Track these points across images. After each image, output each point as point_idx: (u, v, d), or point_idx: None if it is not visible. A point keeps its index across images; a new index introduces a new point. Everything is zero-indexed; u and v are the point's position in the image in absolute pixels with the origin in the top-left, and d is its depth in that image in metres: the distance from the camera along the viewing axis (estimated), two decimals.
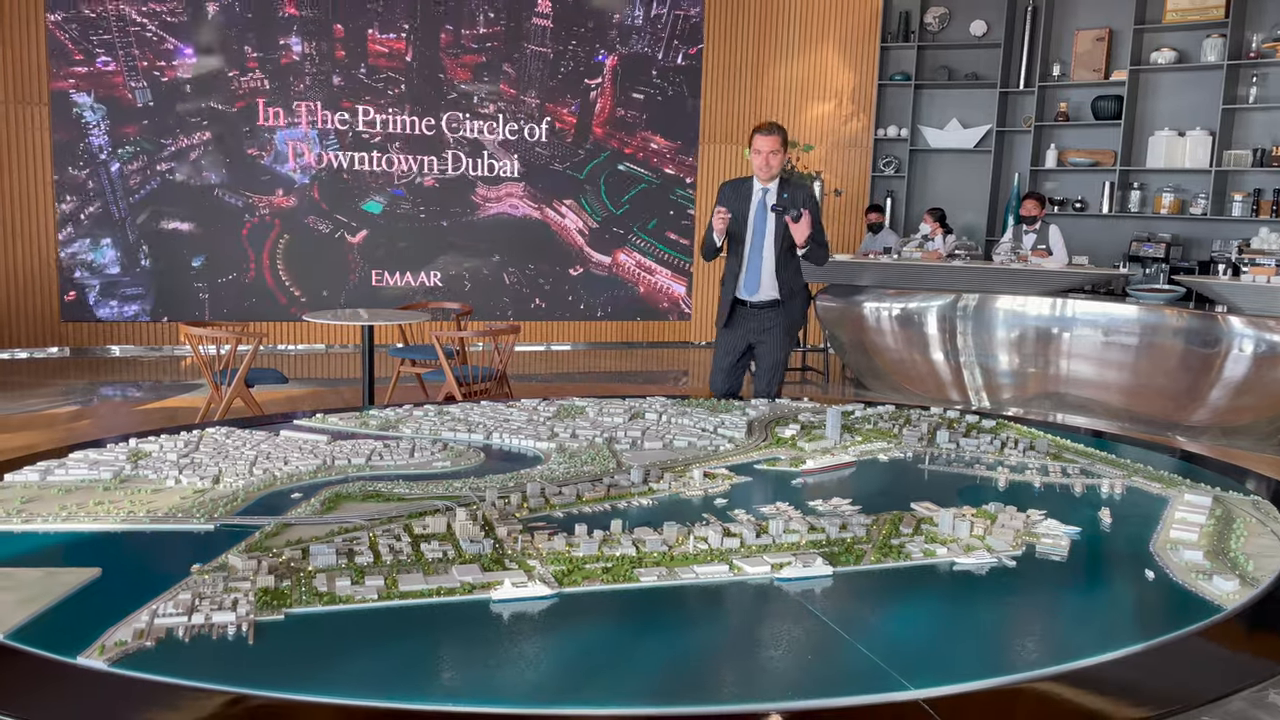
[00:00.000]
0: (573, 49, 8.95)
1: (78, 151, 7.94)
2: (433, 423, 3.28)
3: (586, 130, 9.12)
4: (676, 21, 9.26)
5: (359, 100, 8.50)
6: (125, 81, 7.95)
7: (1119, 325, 6.45)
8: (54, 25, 7.72)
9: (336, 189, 8.56)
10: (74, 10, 7.73)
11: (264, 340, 4.95)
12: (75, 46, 7.78)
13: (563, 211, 9.17)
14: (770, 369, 4.47)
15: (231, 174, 8.29)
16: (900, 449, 3.20)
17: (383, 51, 8.45)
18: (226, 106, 8.21)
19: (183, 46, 8.03)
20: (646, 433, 3.26)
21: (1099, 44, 8.61)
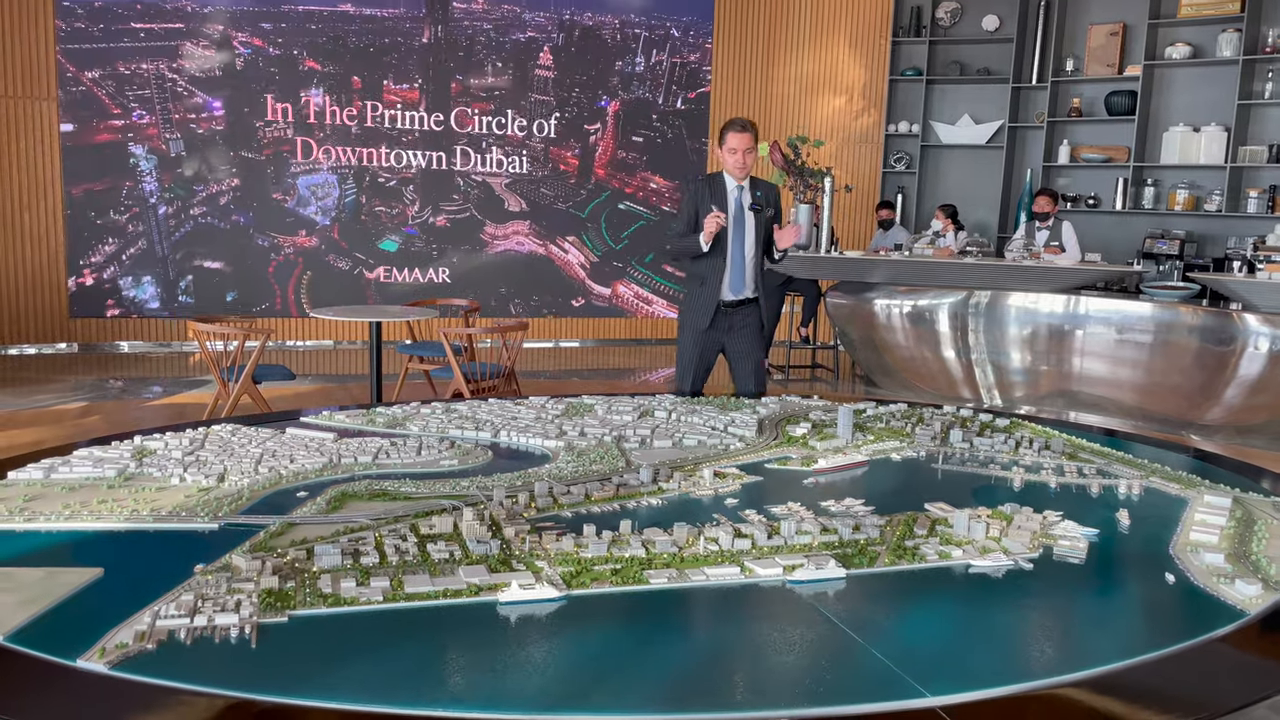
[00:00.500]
0: (576, 95, 9.39)
1: (125, 196, 8.34)
2: (440, 420, 3.25)
3: (589, 171, 9.56)
4: (675, 69, 9.59)
5: (375, 146, 8.93)
6: (160, 134, 8.41)
7: (1132, 323, 6.39)
8: (91, 81, 8.13)
9: (355, 229, 8.98)
10: (110, 67, 8.17)
11: (271, 336, 4.92)
12: (112, 101, 8.22)
13: (565, 247, 9.61)
14: (754, 369, 4.41)
15: (259, 216, 8.73)
16: (913, 448, 3.16)
17: (397, 101, 8.94)
18: (254, 155, 8.66)
19: (211, 100, 8.48)
20: (656, 431, 3.23)
21: (1113, 39, 8.53)
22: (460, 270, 9.24)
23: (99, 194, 8.21)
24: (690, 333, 4.38)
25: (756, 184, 4.31)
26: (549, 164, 9.38)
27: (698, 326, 4.33)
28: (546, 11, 9.14)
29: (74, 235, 8.11)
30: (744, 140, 4.16)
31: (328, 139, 8.76)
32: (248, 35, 8.42)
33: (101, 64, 8.07)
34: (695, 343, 4.36)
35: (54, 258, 8.05)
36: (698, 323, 4.33)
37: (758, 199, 4.27)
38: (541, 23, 9.14)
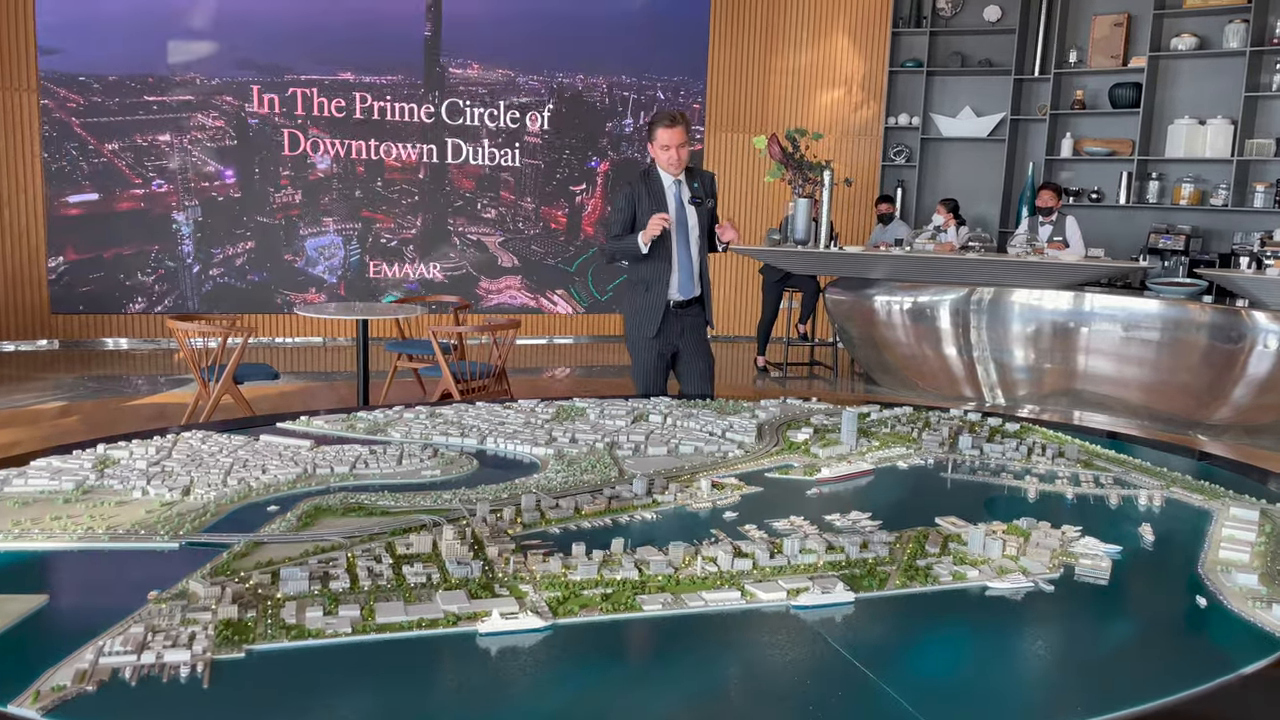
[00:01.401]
0: (566, 158, 9.68)
1: (152, 259, 8.62)
2: (424, 426, 3.10)
3: (576, 229, 9.86)
4: None
5: (377, 209, 9.25)
6: (179, 200, 8.71)
7: (1138, 320, 6.25)
8: (111, 153, 8.38)
9: (360, 286, 9.21)
10: (129, 139, 8.46)
11: (254, 333, 4.75)
12: (132, 172, 8.53)
13: (554, 300, 9.93)
14: (707, 370, 4.20)
15: (272, 275, 9.04)
16: (920, 455, 3.01)
17: (397, 166, 9.27)
18: (267, 219, 8.98)
19: (224, 170, 8.82)
20: (650, 437, 3.08)
21: (1117, 29, 8.38)
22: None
23: (127, 257, 8.47)
24: (640, 341, 4.14)
25: (693, 174, 4.10)
26: (539, 222, 9.76)
27: (647, 333, 4.10)
28: (539, 75, 9.34)
29: (54, 231, 7.95)
30: (675, 135, 3.93)
31: (333, 203, 9.08)
32: (255, 105, 8.72)
33: (120, 136, 8.35)
34: (647, 350, 4.14)
35: (34, 252, 7.86)
36: (646, 329, 4.10)
37: (696, 191, 4.07)
38: (535, 86, 9.36)
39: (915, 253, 6.89)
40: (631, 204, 4.01)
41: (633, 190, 4.02)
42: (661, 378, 4.17)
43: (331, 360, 8.09)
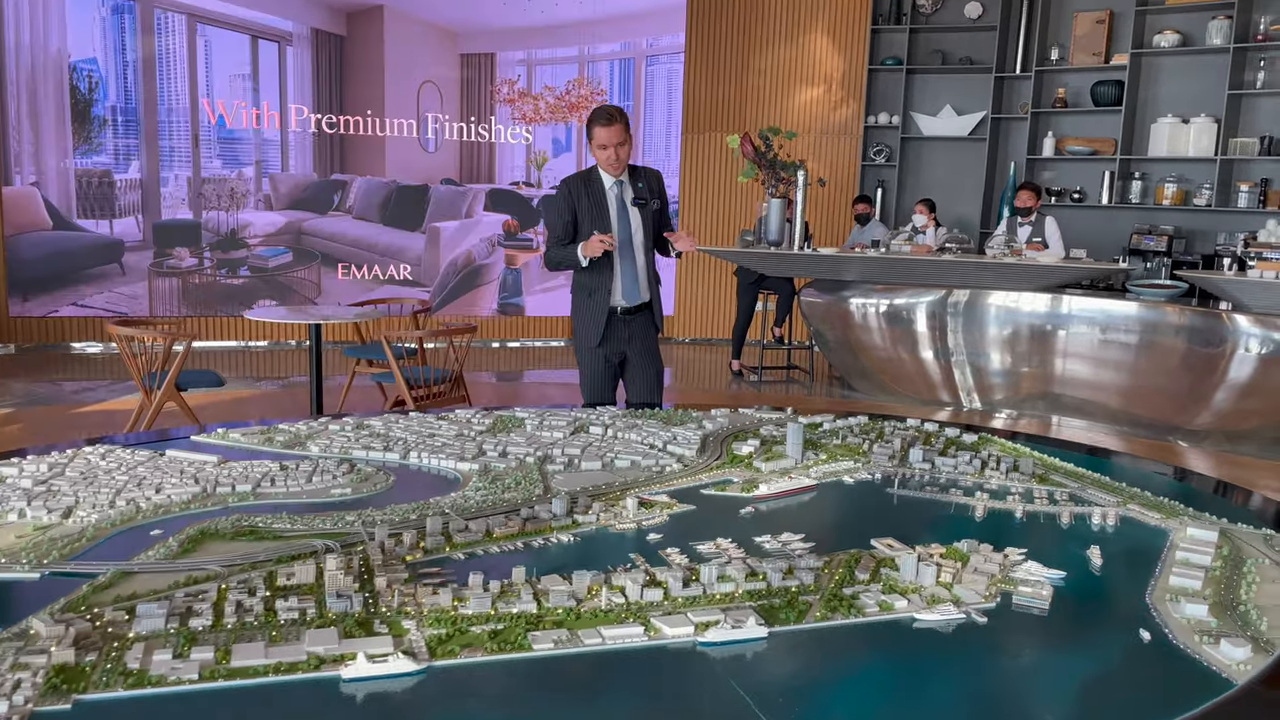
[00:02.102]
0: None
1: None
2: (348, 439, 2.94)
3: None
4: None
5: None
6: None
7: (1117, 323, 6.11)
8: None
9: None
10: None
11: (197, 337, 4.59)
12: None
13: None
14: (656, 377, 4.04)
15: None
16: (869, 469, 2.86)
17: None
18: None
19: None
20: (587, 450, 2.93)
21: (1099, 26, 8.24)
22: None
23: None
24: (585, 351, 3.96)
25: (637, 174, 3.91)
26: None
27: (591, 342, 3.92)
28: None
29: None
30: (613, 134, 3.71)
31: None
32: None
33: None
34: (593, 358, 3.96)
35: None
36: (590, 337, 3.92)
37: (640, 191, 3.88)
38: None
39: (891, 254, 6.75)
40: (571, 208, 3.82)
41: (571, 193, 3.82)
42: (609, 386, 4.01)
43: (287, 364, 7.92)
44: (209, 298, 8.28)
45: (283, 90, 8.24)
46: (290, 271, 8.46)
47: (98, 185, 7.89)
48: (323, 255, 8.50)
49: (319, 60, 8.29)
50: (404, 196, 8.65)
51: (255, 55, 8.17)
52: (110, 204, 7.95)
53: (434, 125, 8.72)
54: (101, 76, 7.77)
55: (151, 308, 8.11)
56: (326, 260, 8.51)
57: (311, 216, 8.45)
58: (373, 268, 8.61)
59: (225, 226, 8.26)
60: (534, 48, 8.90)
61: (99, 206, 7.92)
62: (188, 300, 8.21)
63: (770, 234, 6.80)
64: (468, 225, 8.87)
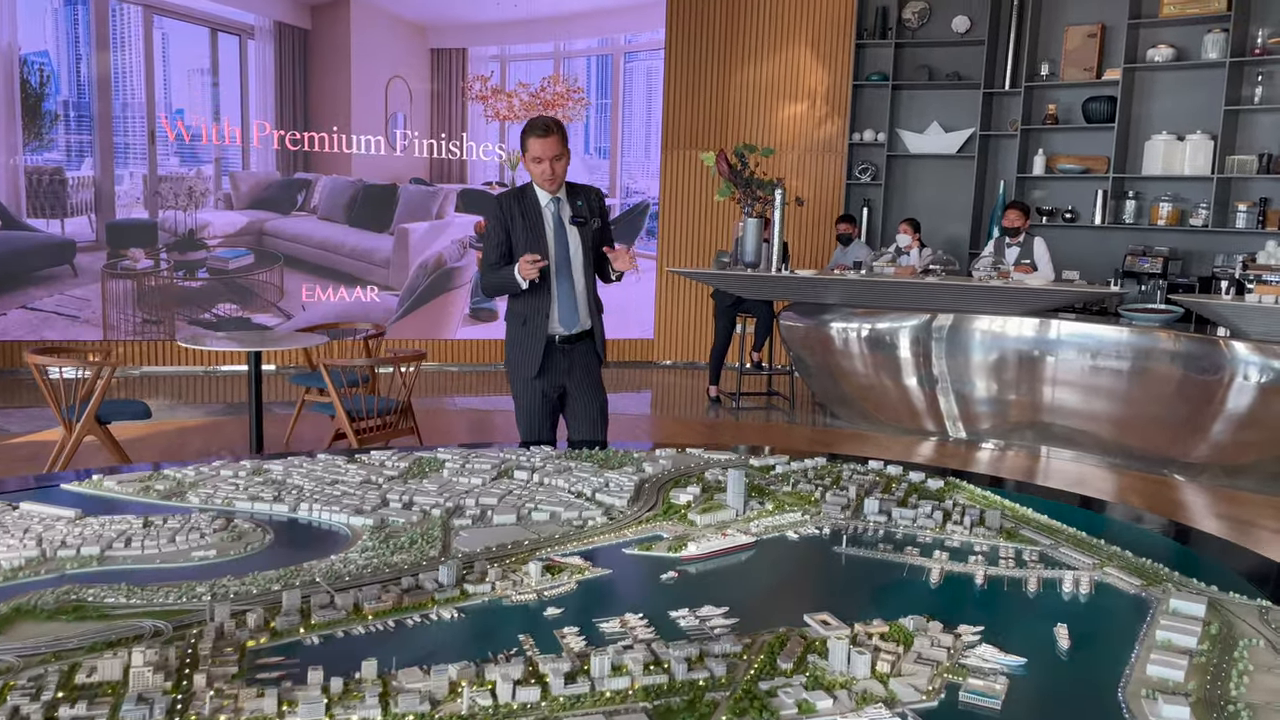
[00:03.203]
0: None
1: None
2: (237, 486, 2.64)
3: None
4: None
5: None
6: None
7: (1108, 349, 5.80)
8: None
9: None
10: None
11: (121, 363, 4.29)
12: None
13: None
14: (599, 412, 3.72)
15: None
16: (818, 521, 2.55)
17: None
18: None
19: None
20: (504, 500, 2.62)
21: (1090, 40, 7.98)
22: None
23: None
24: (521, 382, 3.65)
25: (576, 191, 3.61)
26: None
27: (527, 373, 3.60)
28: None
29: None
30: (549, 145, 3.42)
31: None
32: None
33: None
34: (529, 391, 3.64)
35: None
36: (526, 369, 3.60)
37: (579, 210, 3.58)
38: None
39: (872, 276, 6.45)
40: (504, 228, 3.53)
41: (504, 212, 3.53)
42: (548, 422, 3.70)
43: (242, 390, 7.58)
44: (165, 300, 7.92)
45: (244, 90, 7.95)
46: (251, 274, 8.12)
47: (49, 183, 7.61)
48: (286, 257, 8.17)
49: (282, 55, 8.01)
50: (371, 196, 8.35)
51: (215, 49, 7.90)
52: (62, 203, 7.66)
53: (402, 138, 8.45)
54: (53, 70, 7.51)
55: (105, 313, 7.76)
56: (290, 263, 8.18)
57: (274, 217, 8.14)
58: (338, 289, 8.28)
59: (183, 227, 7.95)
60: (508, 43, 8.62)
61: (50, 205, 7.63)
62: (143, 304, 7.85)
63: (746, 255, 6.51)
64: (438, 227, 8.56)
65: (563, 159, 3.46)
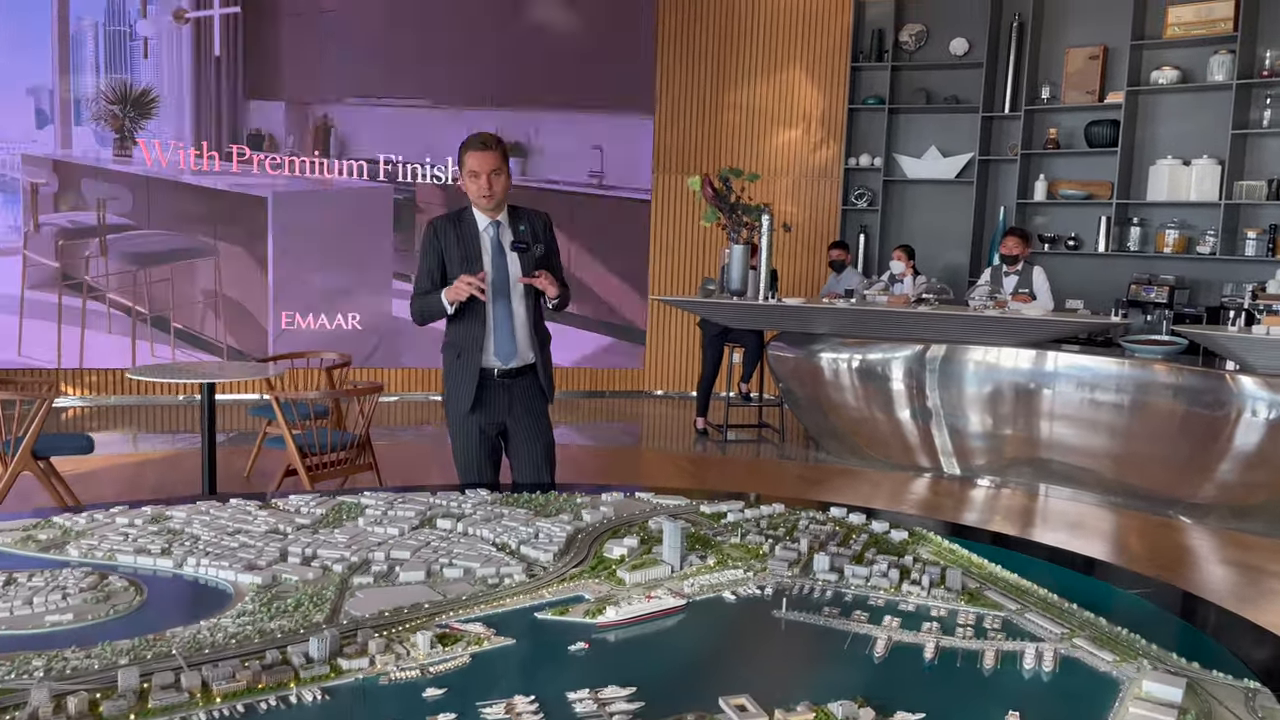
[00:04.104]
0: None
1: None
2: (126, 536, 2.42)
3: None
4: None
5: None
6: None
7: (1109, 382, 5.54)
8: None
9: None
10: None
11: (58, 392, 4.09)
12: None
13: None
14: (544, 454, 3.44)
15: None
16: (761, 579, 2.31)
17: None
18: None
19: None
20: (418, 553, 2.39)
21: (1093, 63, 7.76)
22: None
23: None
24: (456, 419, 3.37)
25: (518, 214, 3.35)
26: None
27: (461, 409, 3.33)
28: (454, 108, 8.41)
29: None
30: (487, 160, 3.16)
31: None
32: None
33: None
34: (464, 431, 3.37)
35: None
36: (460, 403, 3.32)
37: (521, 235, 3.32)
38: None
39: (862, 305, 6.21)
40: (439, 253, 3.29)
41: (438, 236, 3.28)
42: (487, 463, 3.43)
43: (187, 420, 7.37)
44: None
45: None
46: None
47: None
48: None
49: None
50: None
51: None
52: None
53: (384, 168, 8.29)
54: None
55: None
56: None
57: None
58: (319, 316, 8.09)
59: None
60: None
61: None
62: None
63: (732, 283, 6.28)
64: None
65: (502, 175, 3.22)
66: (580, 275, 8.70)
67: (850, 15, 8.44)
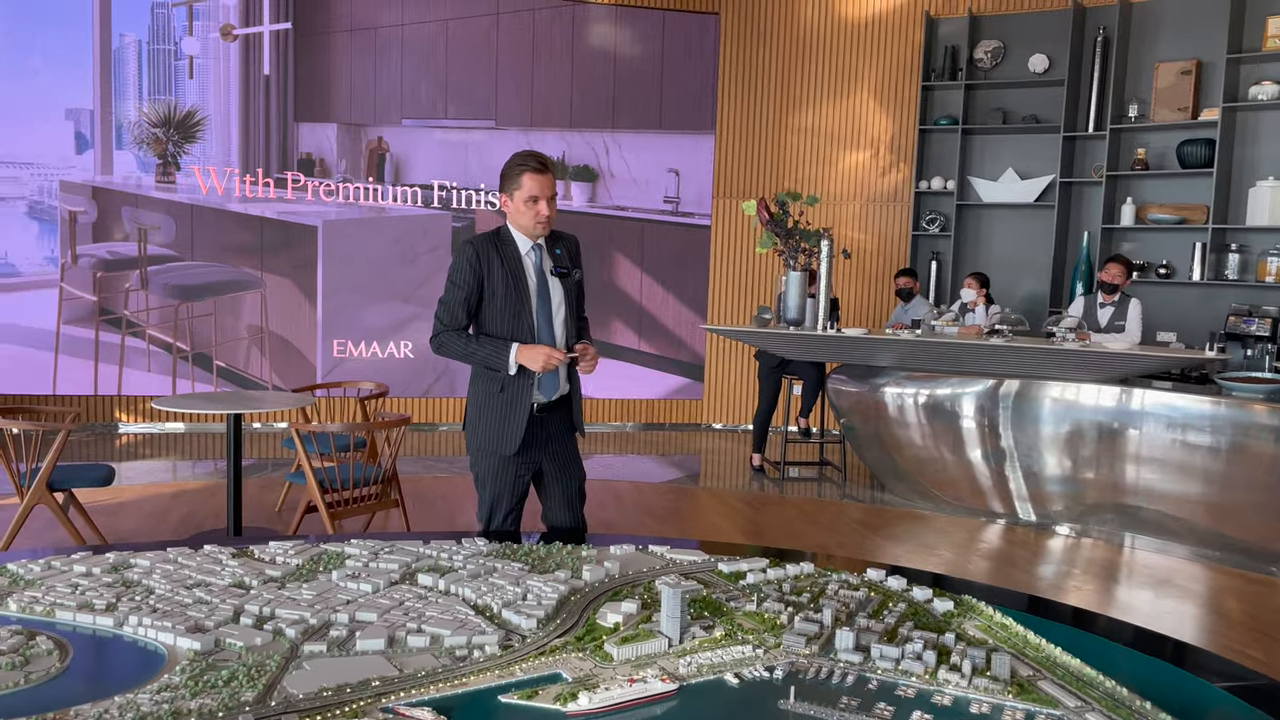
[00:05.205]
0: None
1: None
2: (75, 588, 2.21)
3: None
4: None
5: None
6: None
7: (1202, 423, 5.03)
8: None
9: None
10: None
11: (79, 419, 3.98)
12: None
13: None
14: (578, 493, 3.19)
15: None
16: (772, 658, 1.99)
17: None
18: None
19: None
20: (387, 615, 2.13)
21: (1185, 78, 7.23)
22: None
23: None
24: (491, 459, 3.06)
25: (554, 237, 3.10)
26: None
27: (505, 449, 3.03)
28: (517, 129, 8.26)
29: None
30: (548, 184, 2.93)
31: None
32: None
33: None
34: (502, 472, 3.07)
35: None
36: (504, 444, 3.02)
37: (560, 259, 3.08)
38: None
39: (929, 337, 5.80)
40: (477, 275, 2.99)
41: (479, 259, 2.99)
42: (519, 506, 3.16)
43: (249, 445, 7.28)
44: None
45: None
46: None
47: None
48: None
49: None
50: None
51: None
52: None
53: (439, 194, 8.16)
54: None
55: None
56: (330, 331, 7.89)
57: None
58: (370, 344, 7.96)
59: None
60: None
61: None
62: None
63: (789, 311, 5.94)
64: None
65: (554, 201, 2.99)
66: (644, 303, 8.46)
67: (921, 33, 8.05)
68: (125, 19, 7.51)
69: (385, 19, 7.94)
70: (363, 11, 7.90)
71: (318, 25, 7.84)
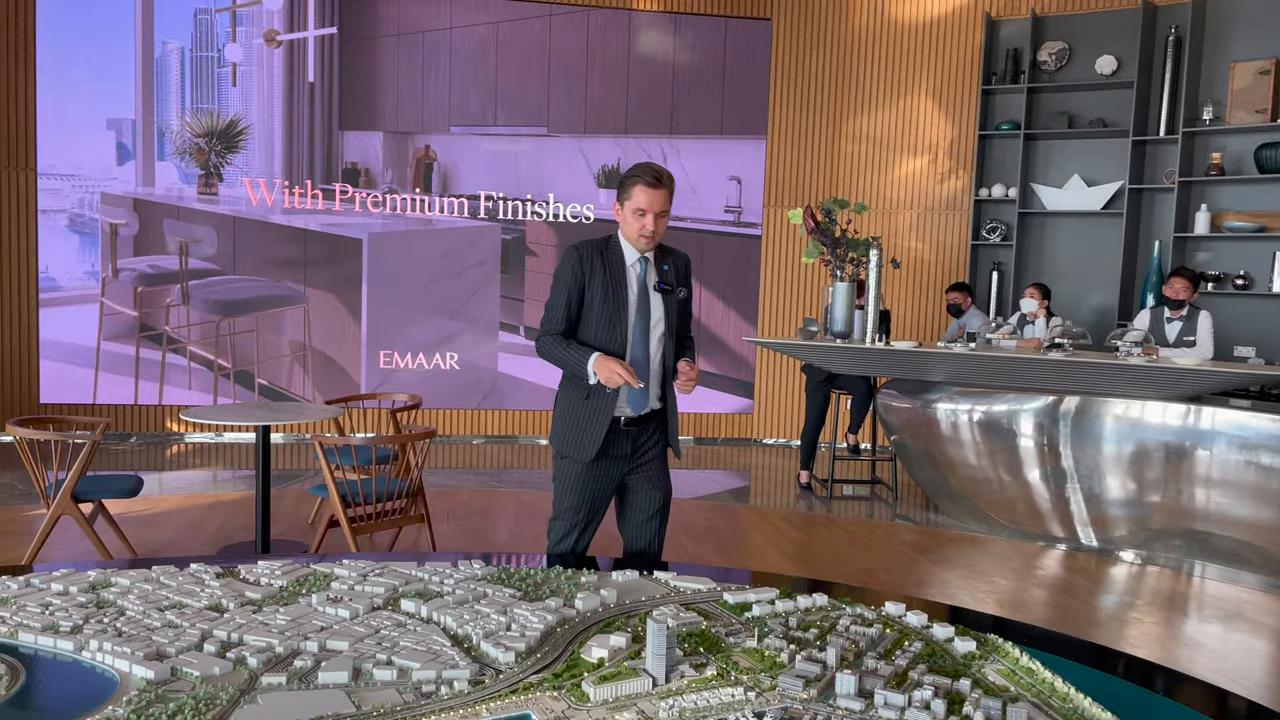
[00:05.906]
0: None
1: None
2: (46, 608, 2.14)
3: None
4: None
5: None
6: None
7: (1277, 443, 4.69)
8: None
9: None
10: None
11: (108, 428, 3.96)
12: None
13: None
14: (659, 511, 3.09)
15: None
16: (764, 702, 1.82)
17: None
18: None
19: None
20: (358, 645, 2.02)
21: (1263, 78, 6.84)
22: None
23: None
24: (571, 465, 3.01)
25: (664, 252, 3.04)
26: None
27: (582, 455, 2.98)
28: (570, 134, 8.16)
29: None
30: (658, 199, 2.87)
31: None
32: None
33: None
34: (581, 481, 3.01)
35: (26, 337, 7.41)
36: (582, 450, 2.97)
37: (666, 275, 3.02)
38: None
39: (984, 351, 5.53)
40: (580, 283, 2.94)
41: (582, 265, 2.94)
42: (597, 521, 3.08)
43: (279, 456, 7.25)
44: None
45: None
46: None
47: None
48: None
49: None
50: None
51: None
52: None
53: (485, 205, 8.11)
54: None
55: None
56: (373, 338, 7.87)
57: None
58: (417, 355, 7.92)
59: None
60: None
61: None
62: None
63: (835, 324, 5.72)
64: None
65: (665, 217, 2.92)
66: (703, 319, 8.31)
67: (982, 34, 7.77)
68: (167, 26, 7.49)
69: (433, 22, 7.86)
70: (410, 15, 7.84)
71: (364, 30, 7.76)
